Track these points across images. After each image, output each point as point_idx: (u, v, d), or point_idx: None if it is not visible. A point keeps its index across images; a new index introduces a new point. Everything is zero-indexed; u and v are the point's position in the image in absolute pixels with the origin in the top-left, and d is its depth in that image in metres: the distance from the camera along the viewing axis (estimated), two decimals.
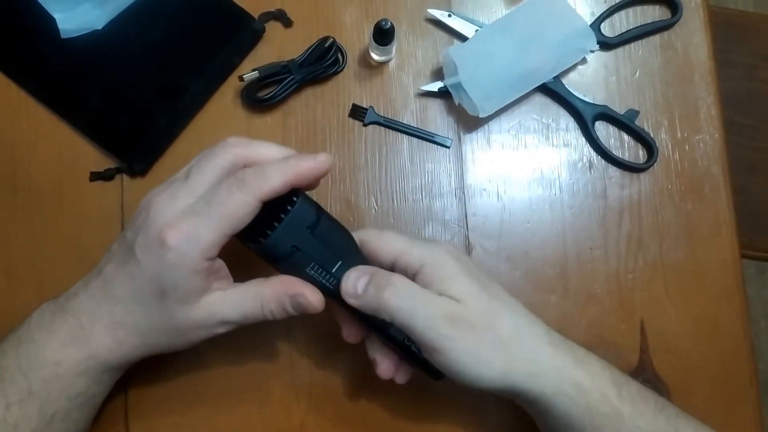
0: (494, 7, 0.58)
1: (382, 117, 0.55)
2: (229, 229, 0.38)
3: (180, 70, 0.55)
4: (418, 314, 0.40)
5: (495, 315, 0.41)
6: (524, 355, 0.41)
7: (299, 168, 0.39)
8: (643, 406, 0.42)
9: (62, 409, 0.42)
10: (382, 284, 0.40)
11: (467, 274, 0.42)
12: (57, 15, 0.54)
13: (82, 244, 0.52)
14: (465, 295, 0.41)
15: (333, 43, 0.55)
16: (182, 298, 0.39)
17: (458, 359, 0.40)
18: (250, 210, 0.38)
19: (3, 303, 0.52)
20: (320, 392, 0.51)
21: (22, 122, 0.54)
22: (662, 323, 0.53)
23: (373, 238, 0.43)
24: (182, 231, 0.38)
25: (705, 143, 0.56)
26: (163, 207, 0.39)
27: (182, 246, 0.38)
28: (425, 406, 0.51)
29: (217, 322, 0.41)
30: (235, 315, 0.41)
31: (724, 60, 0.62)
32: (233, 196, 0.38)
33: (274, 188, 0.38)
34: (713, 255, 0.54)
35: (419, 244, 0.43)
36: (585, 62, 0.57)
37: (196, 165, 0.40)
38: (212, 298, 0.40)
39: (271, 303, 0.41)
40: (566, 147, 0.56)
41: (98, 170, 0.53)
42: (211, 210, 0.38)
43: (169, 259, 0.38)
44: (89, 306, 0.41)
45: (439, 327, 0.40)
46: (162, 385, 0.50)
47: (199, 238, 0.38)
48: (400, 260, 0.42)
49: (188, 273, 0.39)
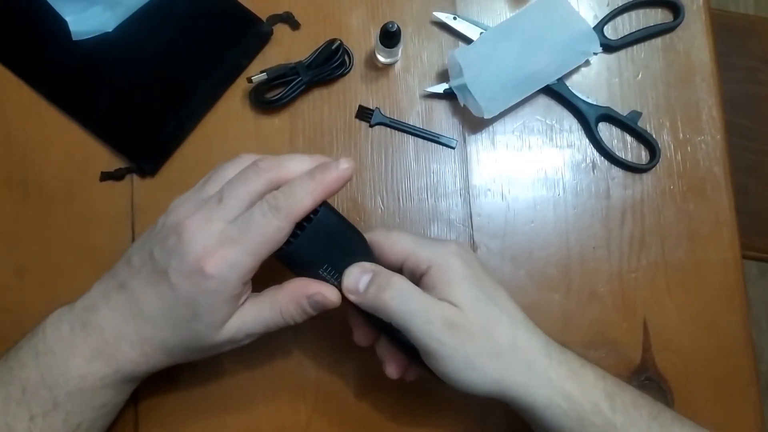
0: (499, 10, 0.59)
1: (388, 118, 0.56)
2: (266, 253, 0.39)
3: (189, 72, 0.55)
4: (416, 318, 0.40)
5: (493, 324, 0.42)
6: (518, 366, 0.41)
7: (326, 184, 0.40)
8: (637, 414, 0.42)
9: (87, 419, 0.42)
10: (383, 284, 0.41)
11: (471, 279, 0.42)
12: (68, 17, 0.55)
13: (92, 243, 0.53)
14: (465, 301, 0.41)
15: (340, 45, 0.55)
16: (213, 323, 0.40)
17: (452, 365, 0.40)
18: (284, 233, 0.39)
19: (14, 302, 0.52)
20: (327, 391, 0.52)
21: (34, 123, 0.55)
22: (664, 322, 0.54)
23: (382, 238, 0.44)
24: (222, 259, 0.38)
25: (706, 144, 0.57)
26: (198, 233, 0.39)
27: (223, 274, 0.38)
28: (431, 407, 0.52)
29: (241, 337, 0.42)
30: (258, 327, 0.42)
31: (725, 62, 0.63)
32: (269, 223, 0.38)
33: (306, 209, 0.39)
34: (715, 255, 0.55)
35: (427, 245, 0.43)
36: (588, 64, 0.58)
37: (228, 189, 0.40)
38: (235, 318, 0.41)
39: (290, 308, 0.42)
40: (570, 148, 0.57)
41: (108, 170, 0.54)
42: (248, 237, 0.38)
43: (210, 287, 0.38)
44: (114, 322, 0.41)
45: (435, 332, 0.40)
46: (171, 383, 0.51)
47: (239, 266, 0.39)
48: (409, 261, 0.43)
49: (227, 298, 0.39)
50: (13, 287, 0.53)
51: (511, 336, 0.42)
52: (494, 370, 0.41)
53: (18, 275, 0.53)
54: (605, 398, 0.42)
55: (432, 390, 0.51)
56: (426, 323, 0.40)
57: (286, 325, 0.43)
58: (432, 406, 0.52)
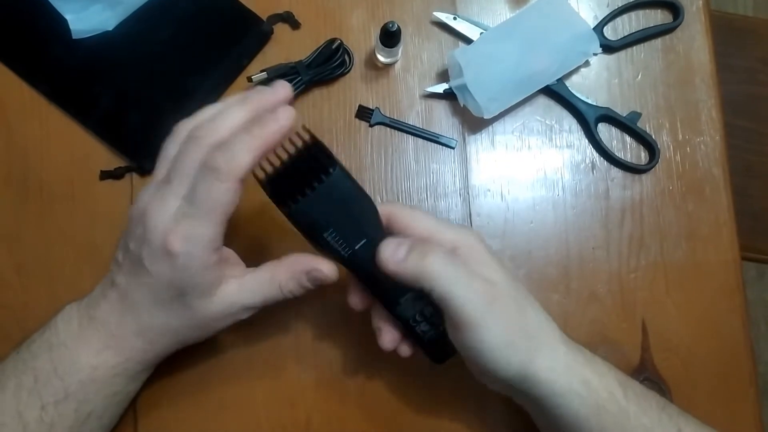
0: (499, 11, 0.59)
1: (388, 118, 0.56)
2: (222, 217, 0.39)
3: (189, 71, 0.55)
4: (460, 284, 0.39)
5: (524, 305, 0.42)
6: (544, 349, 0.41)
7: (264, 138, 0.38)
8: (647, 404, 0.42)
9: (99, 408, 0.43)
10: (425, 251, 0.40)
11: (498, 260, 0.43)
12: (69, 16, 0.55)
13: (92, 241, 0.53)
14: (500, 279, 0.41)
15: (340, 44, 0.55)
16: (201, 293, 0.41)
17: (490, 338, 0.40)
18: (233, 193, 0.38)
19: (15, 301, 0.52)
20: (326, 389, 0.52)
21: (34, 122, 0.55)
22: (663, 322, 0.54)
23: (403, 214, 0.43)
24: (181, 235, 0.39)
25: (706, 145, 0.57)
26: (156, 215, 0.39)
27: (186, 249, 0.39)
28: (430, 403, 0.52)
29: (239, 310, 0.43)
30: (256, 300, 0.43)
31: (725, 64, 0.63)
32: (213, 188, 0.38)
33: (247, 166, 0.38)
34: (714, 255, 0.55)
35: (451, 226, 0.43)
36: (588, 65, 0.58)
37: (173, 167, 0.40)
38: (230, 288, 0.42)
39: (289, 283, 0.42)
40: (569, 148, 0.57)
41: (108, 169, 0.54)
42: (199, 207, 0.38)
43: (179, 264, 0.39)
44: (114, 316, 0.42)
45: (479, 300, 0.39)
46: (171, 380, 0.51)
47: (198, 238, 0.39)
48: (432, 240, 0.42)
49: (200, 270, 0.40)
50: (13, 285, 0.53)
51: (537, 320, 0.42)
52: (528, 349, 0.41)
53: (18, 273, 0.53)
54: (618, 386, 0.42)
55: (431, 388, 0.51)
56: (469, 290, 0.39)
57: (285, 299, 0.43)
58: (431, 404, 0.52)
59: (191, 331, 0.43)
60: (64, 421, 0.41)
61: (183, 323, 0.42)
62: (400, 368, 0.51)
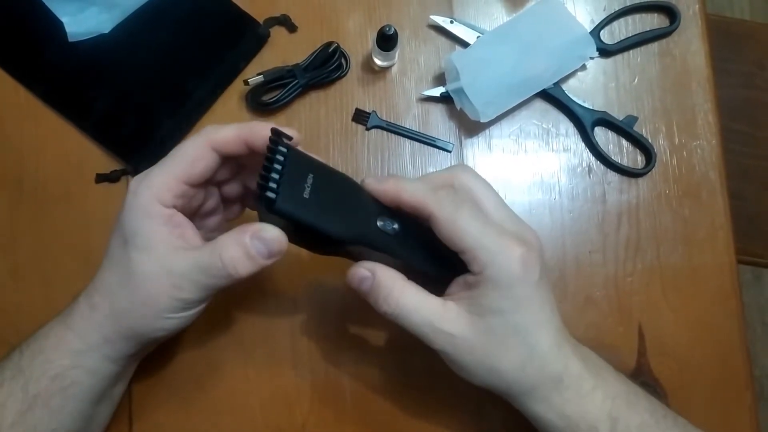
0: (495, 14, 0.59)
1: (385, 121, 0.56)
2: (180, 169, 0.40)
3: (185, 74, 0.55)
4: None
5: (530, 330, 0.44)
6: (539, 391, 0.43)
7: (255, 129, 0.40)
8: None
9: (44, 391, 0.40)
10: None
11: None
12: (64, 19, 0.55)
13: (87, 245, 0.53)
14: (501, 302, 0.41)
15: (337, 48, 0.55)
16: (139, 245, 0.39)
17: (482, 373, 0.42)
18: (201, 153, 0.40)
19: (10, 304, 0.52)
20: (322, 392, 0.52)
21: (30, 125, 0.55)
22: (660, 326, 0.54)
23: (446, 213, 0.40)
24: (139, 177, 0.41)
25: (702, 149, 0.57)
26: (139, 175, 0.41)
27: (136, 189, 0.40)
28: (426, 407, 0.52)
29: (178, 279, 0.39)
30: (190, 267, 0.39)
31: (721, 67, 0.63)
32: (189, 143, 0.40)
33: (226, 137, 0.40)
34: (710, 259, 0.55)
35: (486, 235, 0.40)
36: (585, 69, 0.58)
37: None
38: (168, 250, 0.39)
39: (231, 249, 0.38)
40: (566, 152, 0.57)
41: (104, 172, 0.54)
42: (169, 158, 0.41)
43: (127, 203, 0.40)
44: (85, 301, 0.42)
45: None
46: (166, 383, 0.51)
47: (150, 182, 0.40)
48: (428, 208, 0.40)
49: (141, 215, 0.40)
50: (8, 288, 0.53)
51: (537, 351, 0.44)
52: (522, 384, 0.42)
53: (13, 276, 0.53)
54: (606, 420, 0.41)
55: (428, 392, 0.51)
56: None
57: (229, 276, 0.39)
58: (427, 408, 0.52)
59: (128, 301, 0.40)
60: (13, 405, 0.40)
61: (120, 281, 0.40)
62: (396, 372, 0.51)
